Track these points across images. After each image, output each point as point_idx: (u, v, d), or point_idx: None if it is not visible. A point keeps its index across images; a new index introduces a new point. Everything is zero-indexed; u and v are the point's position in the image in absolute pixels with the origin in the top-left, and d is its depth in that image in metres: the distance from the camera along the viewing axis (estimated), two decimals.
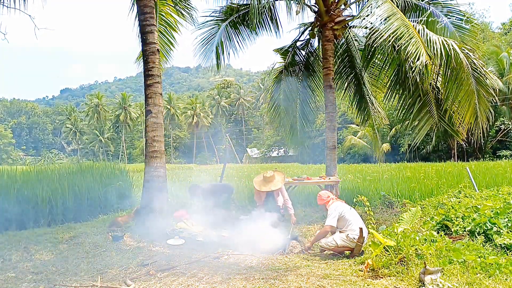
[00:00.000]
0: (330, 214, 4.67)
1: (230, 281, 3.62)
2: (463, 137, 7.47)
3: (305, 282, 3.53)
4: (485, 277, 3.41)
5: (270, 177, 6.17)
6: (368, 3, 6.79)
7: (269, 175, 6.17)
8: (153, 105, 6.33)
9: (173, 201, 7.73)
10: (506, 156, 29.22)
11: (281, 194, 6.36)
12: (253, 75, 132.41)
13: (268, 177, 6.17)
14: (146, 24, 6.38)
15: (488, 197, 6.82)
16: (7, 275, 4.07)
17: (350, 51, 9.44)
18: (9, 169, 8.53)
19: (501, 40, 35.97)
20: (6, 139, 64.96)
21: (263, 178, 6.23)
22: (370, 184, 10.84)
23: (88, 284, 3.71)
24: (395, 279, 3.54)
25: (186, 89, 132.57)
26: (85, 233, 5.87)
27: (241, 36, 9.10)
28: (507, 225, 4.62)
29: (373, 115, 9.60)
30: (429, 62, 5.82)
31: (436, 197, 8.46)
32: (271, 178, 6.17)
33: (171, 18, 8.56)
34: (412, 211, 4.99)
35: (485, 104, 6.71)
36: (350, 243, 4.51)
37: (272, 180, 6.16)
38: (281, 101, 9.94)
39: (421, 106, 7.67)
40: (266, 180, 6.18)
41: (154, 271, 4.03)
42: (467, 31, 7.47)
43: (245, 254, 4.80)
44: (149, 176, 6.26)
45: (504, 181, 10.29)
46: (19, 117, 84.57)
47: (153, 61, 6.35)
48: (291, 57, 9.85)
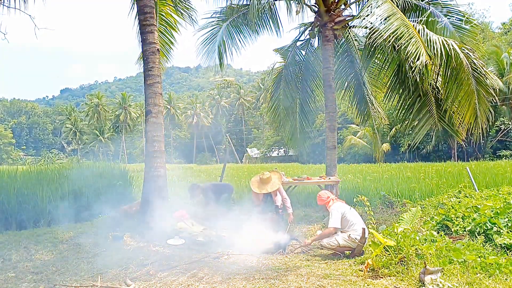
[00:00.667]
0: (333, 215, 4.66)
1: (230, 281, 3.63)
2: (462, 137, 7.46)
3: (305, 282, 3.53)
4: (485, 277, 3.41)
5: (267, 178, 6.10)
6: (368, 3, 6.79)
7: (265, 176, 6.11)
8: (153, 105, 6.32)
9: (173, 200, 7.74)
10: (506, 156, 29.25)
11: (279, 193, 6.34)
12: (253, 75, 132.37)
13: (264, 178, 6.10)
14: (146, 24, 6.37)
15: (488, 197, 6.81)
16: (7, 275, 4.07)
17: (350, 51, 9.44)
18: (9, 169, 8.53)
19: (501, 40, 35.96)
20: (6, 139, 64.95)
21: (260, 180, 6.17)
22: (370, 184, 10.84)
23: (88, 284, 3.71)
24: (395, 279, 3.54)
25: (186, 89, 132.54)
26: (85, 233, 5.88)
27: (242, 35, 9.10)
28: (507, 225, 4.62)
29: (373, 115, 9.59)
30: (429, 62, 5.82)
31: (436, 197, 8.46)
32: (268, 180, 6.10)
33: (171, 18, 8.56)
34: (412, 211, 4.99)
35: (485, 104, 6.70)
36: (352, 243, 4.51)
37: (268, 182, 6.10)
38: (281, 101, 9.94)
39: (421, 106, 7.67)
40: (263, 182, 6.12)
41: (154, 271, 4.03)
42: (467, 31, 7.47)
43: (245, 254, 4.80)
44: (149, 176, 6.26)
45: (504, 181, 10.29)
46: (19, 117, 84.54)
47: (153, 61, 6.35)
48: (291, 57, 9.85)
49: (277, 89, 10.08)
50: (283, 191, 6.42)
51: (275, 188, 6.12)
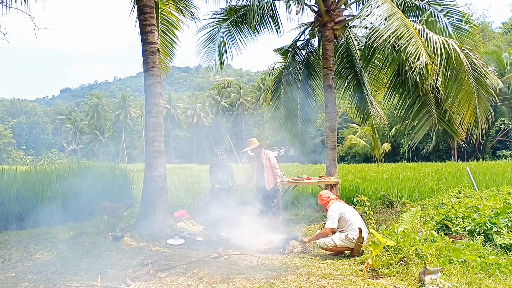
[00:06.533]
0: (330, 215, 4.67)
1: (230, 281, 3.63)
2: (462, 137, 7.46)
3: (305, 282, 3.53)
4: (485, 277, 3.41)
5: (250, 141, 6.63)
6: (368, 3, 6.79)
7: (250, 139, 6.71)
8: (153, 105, 6.32)
9: (173, 200, 7.74)
10: (506, 156, 29.24)
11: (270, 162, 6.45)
12: (253, 75, 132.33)
13: (249, 140, 6.66)
14: (146, 24, 6.37)
15: (488, 197, 6.81)
16: (7, 275, 4.07)
17: (350, 51, 9.44)
18: (9, 169, 8.52)
19: (501, 40, 35.97)
20: (6, 139, 64.95)
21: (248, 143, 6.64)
22: (370, 184, 10.84)
23: (88, 284, 3.71)
24: (395, 279, 3.54)
25: (186, 89, 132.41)
26: (85, 233, 5.87)
27: (243, 34, 9.11)
28: (507, 225, 4.63)
29: (372, 115, 9.60)
30: (429, 62, 5.81)
31: (436, 197, 8.47)
32: (251, 142, 6.58)
33: (173, 17, 8.55)
34: (412, 211, 4.99)
35: (485, 104, 6.70)
36: (349, 243, 4.51)
37: (251, 144, 6.56)
38: (281, 101, 9.95)
39: (420, 106, 7.68)
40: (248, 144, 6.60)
41: (154, 271, 4.02)
42: (466, 32, 7.48)
43: (245, 254, 4.81)
44: (149, 175, 6.26)
45: (504, 181, 10.29)
46: (19, 117, 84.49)
47: (153, 61, 6.35)
48: (291, 57, 9.85)
49: (277, 89, 10.08)
50: (273, 157, 6.51)
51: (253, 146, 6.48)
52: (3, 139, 63.83)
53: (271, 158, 6.45)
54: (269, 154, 6.52)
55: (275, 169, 6.43)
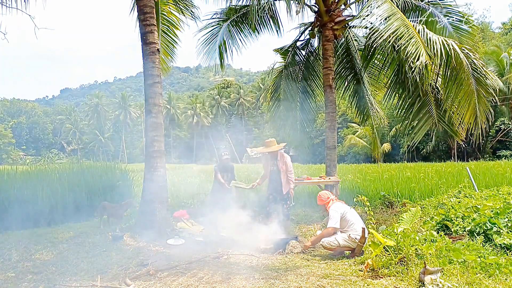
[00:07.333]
0: (332, 215, 4.67)
1: (230, 281, 3.63)
2: (462, 137, 7.46)
3: (305, 282, 3.53)
4: (485, 277, 3.41)
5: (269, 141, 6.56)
6: (368, 3, 6.78)
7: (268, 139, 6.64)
8: (153, 105, 6.32)
9: (173, 200, 7.73)
10: (506, 156, 29.26)
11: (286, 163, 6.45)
12: (253, 75, 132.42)
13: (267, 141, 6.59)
14: (146, 24, 6.37)
15: (488, 197, 6.81)
16: (7, 275, 4.07)
17: (350, 51, 9.44)
18: (9, 169, 8.52)
19: (501, 40, 35.98)
20: (6, 139, 64.93)
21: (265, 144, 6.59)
22: (370, 184, 10.84)
23: (88, 284, 3.71)
24: (395, 279, 3.54)
25: (186, 89, 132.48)
26: (85, 233, 5.88)
27: (243, 34, 9.12)
28: (507, 225, 4.63)
29: (372, 115, 9.60)
30: (429, 62, 5.81)
31: (436, 197, 8.46)
32: (270, 143, 6.52)
33: (173, 17, 8.55)
34: (412, 211, 4.99)
35: (485, 104, 6.69)
36: (352, 243, 4.51)
37: (270, 145, 6.52)
38: (281, 101, 9.94)
39: (420, 106, 7.67)
40: (266, 145, 6.55)
41: (154, 271, 4.02)
42: (466, 32, 7.48)
43: (245, 254, 4.80)
44: (149, 175, 6.26)
45: (504, 181, 10.29)
46: (19, 117, 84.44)
47: (153, 61, 6.34)
48: (291, 57, 9.85)
49: (277, 89, 10.08)
50: (289, 162, 6.50)
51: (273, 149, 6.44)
52: (3, 139, 63.82)
53: (288, 163, 6.45)
54: (286, 158, 6.48)
55: (290, 174, 6.42)
